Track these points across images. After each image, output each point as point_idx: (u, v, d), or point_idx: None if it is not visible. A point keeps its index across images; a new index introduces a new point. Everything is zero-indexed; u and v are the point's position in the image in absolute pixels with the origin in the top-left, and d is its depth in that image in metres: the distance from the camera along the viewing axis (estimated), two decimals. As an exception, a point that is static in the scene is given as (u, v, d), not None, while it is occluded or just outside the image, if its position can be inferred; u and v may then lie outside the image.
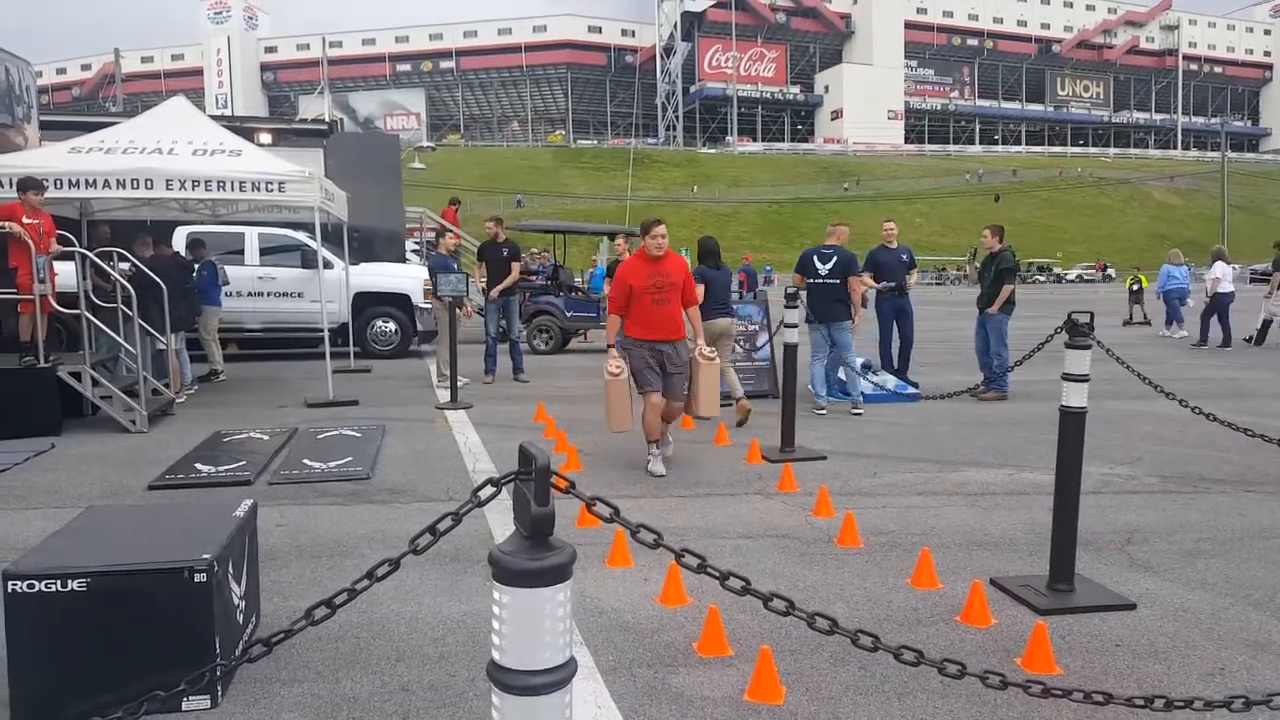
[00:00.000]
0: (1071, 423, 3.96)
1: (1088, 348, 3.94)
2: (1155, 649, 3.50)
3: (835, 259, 8.94)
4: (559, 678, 1.63)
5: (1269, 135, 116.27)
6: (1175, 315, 17.79)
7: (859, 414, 8.78)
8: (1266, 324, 15.91)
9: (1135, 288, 21.96)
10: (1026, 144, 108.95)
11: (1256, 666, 3.35)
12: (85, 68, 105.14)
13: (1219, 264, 15.66)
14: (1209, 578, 4.28)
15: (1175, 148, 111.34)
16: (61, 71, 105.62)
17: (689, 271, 6.55)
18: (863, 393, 9.09)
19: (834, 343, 8.93)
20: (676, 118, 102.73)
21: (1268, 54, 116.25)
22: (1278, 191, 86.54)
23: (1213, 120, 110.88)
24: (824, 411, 8.82)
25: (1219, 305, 15.38)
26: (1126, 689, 3.10)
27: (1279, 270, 15.54)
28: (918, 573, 4.22)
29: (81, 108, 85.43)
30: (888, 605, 3.95)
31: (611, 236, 15.29)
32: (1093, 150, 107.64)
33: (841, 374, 9.33)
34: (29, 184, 7.96)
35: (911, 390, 9.71)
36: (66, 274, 8.94)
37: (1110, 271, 59.23)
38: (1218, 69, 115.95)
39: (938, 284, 55.42)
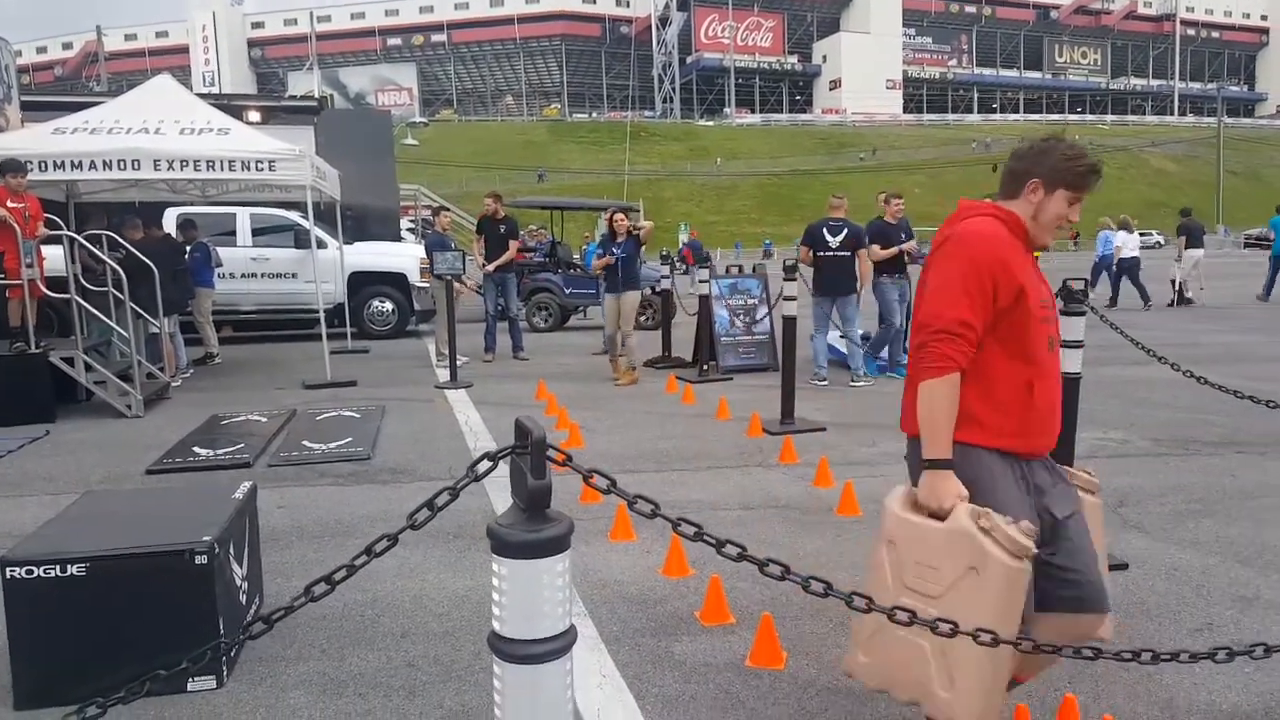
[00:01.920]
0: (1066, 388, 3.94)
1: (1083, 314, 3.96)
2: (1146, 607, 3.55)
3: (846, 231, 8.91)
4: (559, 645, 1.65)
5: (1265, 100, 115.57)
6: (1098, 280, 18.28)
7: (860, 385, 8.82)
8: (1176, 285, 16.91)
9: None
10: (1025, 112, 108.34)
11: (1244, 620, 3.40)
12: (67, 46, 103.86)
13: (1122, 232, 16.56)
14: (1200, 537, 4.34)
15: (1172, 114, 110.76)
16: (42, 50, 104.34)
17: None
18: (863, 367, 9.14)
19: (840, 316, 8.95)
20: (673, 90, 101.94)
21: (1264, 18, 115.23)
22: (1274, 156, 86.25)
23: (1209, 85, 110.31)
24: (825, 383, 8.85)
25: (1123, 269, 16.30)
26: (1117, 645, 3.13)
27: (1184, 234, 16.75)
28: (915, 540, 4.25)
29: (64, 88, 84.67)
30: (886, 573, 3.98)
31: (606, 211, 15.20)
32: (1090, 117, 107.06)
33: (843, 346, 9.38)
34: (9, 166, 7.84)
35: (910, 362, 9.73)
36: (56, 258, 8.89)
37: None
38: (1215, 34, 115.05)
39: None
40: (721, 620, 3.47)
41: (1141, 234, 19.80)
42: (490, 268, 10.89)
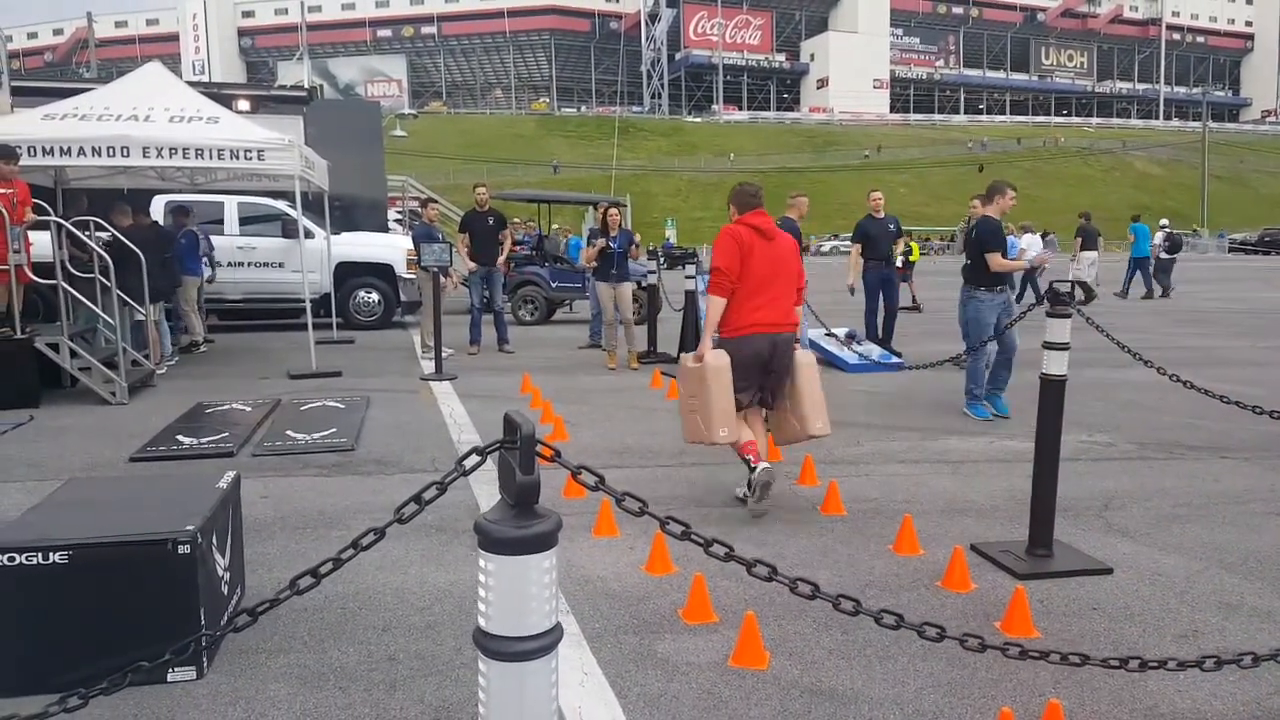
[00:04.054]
0: (1051, 390, 4.00)
1: (1068, 316, 3.98)
2: (1131, 612, 3.56)
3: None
4: (545, 643, 1.64)
5: (1249, 105, 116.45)
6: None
7: None
8: (1073, 285, 17.40)
9: (903, 261, 16.51)
10: (1011, 113, 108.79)
11: (1229, 628, 3.42)
12: (57, 33, 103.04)
13: (1026, 235, 17.64)
14: (1184, 542, 4.36)
15: (1157, 118, 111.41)
16: (33, 36, 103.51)
17: None
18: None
19: None
20: (661, 86, 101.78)
21: (1249, 24, 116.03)
22: (1258, 161, 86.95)
23: (1194, 90, 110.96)
24: None
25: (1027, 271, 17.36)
26: (1102, 651, 3.15)
27: (1079, 236, 18.36)
28: (900, 539, 4.27)
29: (54, 74, 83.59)
30: (870, 571, 4.00)
31: (596, 205, 15.15)
32: (1076, 120, 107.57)
33: (827, 344, 9.50)
34: (1, 153, 7.81)
35: (895, 360, 9.77)
36: (43, 244, 8.83)
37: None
38: (1200, 39, 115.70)
39: (921, 254, 55.50)
40: (705, 619, 3.46)
41: (1043, 235, 22.11)
42: (500, 261, 11.14)
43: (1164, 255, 20.22)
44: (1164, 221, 21.75)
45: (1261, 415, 3.97)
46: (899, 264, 14.67)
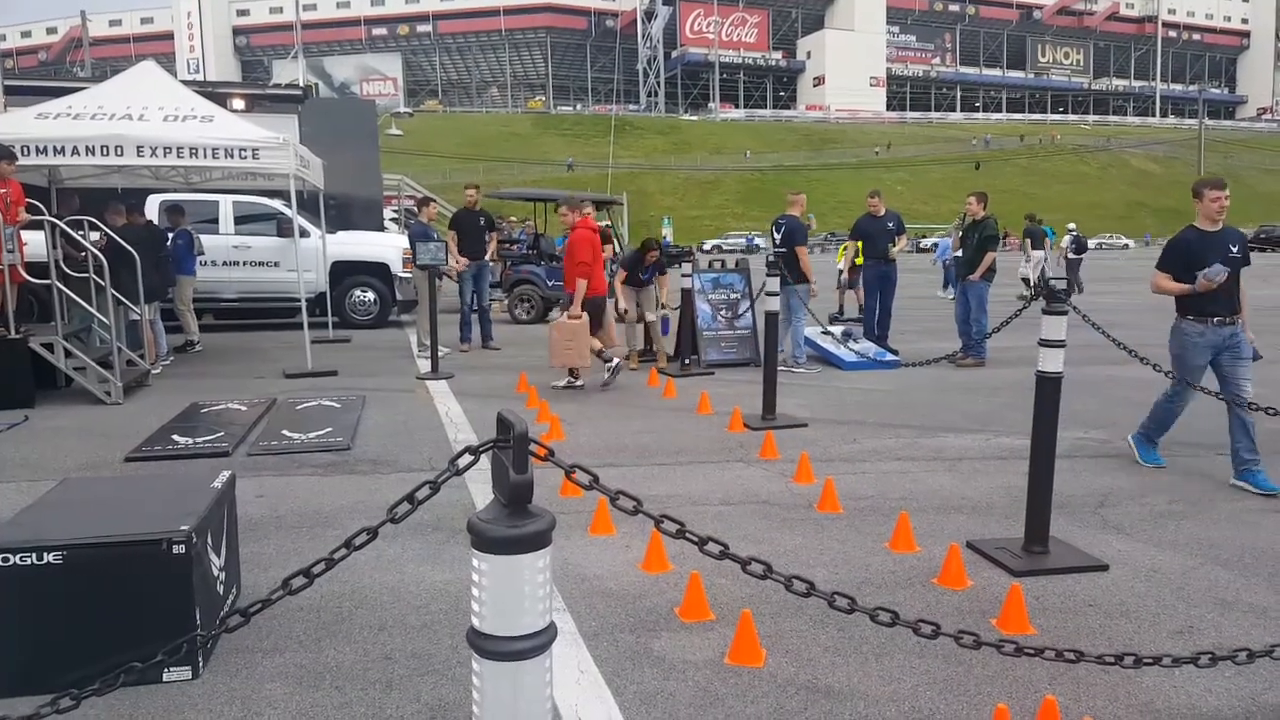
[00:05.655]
0: (1047, 387, 4.00)
1: (1064, 314, 3.98)
2: (1127, 608, 3.57)
3: (784, 227, 9.52)
4: (539, 643, 1.64)
5: (1245, 103, 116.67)
6: (951, 280, 18.94)
7: (798, 371, 9.35)
8: (1026, 282, 19.06)
9: (844, 266, 15.09)
10: (1007, 111, 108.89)
11: (1224, 624, 3.42)
12: (51, 31, 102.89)
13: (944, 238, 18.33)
14: (1180, 539, 4.36)
15: (1154, 115, 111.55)
16: (26, 35, 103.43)
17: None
18: (795, 357, 9.53)
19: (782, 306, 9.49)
20: (658, 84, 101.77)
21: (1245, 21, 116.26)
22: (1253, 158, 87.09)
23: (1191, 88, 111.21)
24: (814, 370, 9.43)
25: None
26: (1098, 648, 3.15)
27: (1028, 237, 19.37)
28: (896, 536, 4.27)
29: (48, 73, 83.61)
30: (866, 568, 4.00)
31: (598, 205, 15.05)
32: (1072, 117, 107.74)
33: (825, 342, 9.55)
34: (1, 154, 7.78)
35: (891, 357, 9.78)
36: (37, 243, 8.81)
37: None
38: (1196, 36, 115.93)
39: (919, 251, 55.54)
40: (701, 617, 3.46)
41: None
42: (490, 253, 11.48)
43: (1071, 256, 21.37)
44: (1071, 225, 23.04)
45: (1257, 412, 3.98)
46: (845, 269, 14.72)
